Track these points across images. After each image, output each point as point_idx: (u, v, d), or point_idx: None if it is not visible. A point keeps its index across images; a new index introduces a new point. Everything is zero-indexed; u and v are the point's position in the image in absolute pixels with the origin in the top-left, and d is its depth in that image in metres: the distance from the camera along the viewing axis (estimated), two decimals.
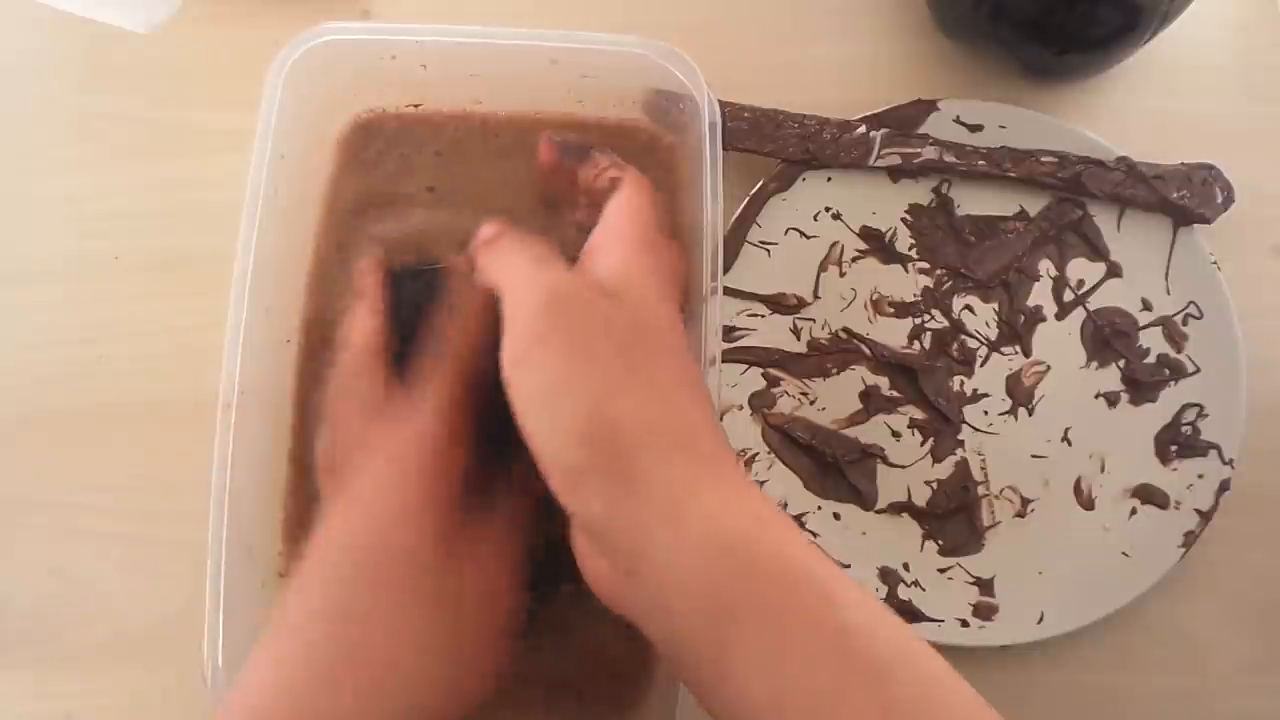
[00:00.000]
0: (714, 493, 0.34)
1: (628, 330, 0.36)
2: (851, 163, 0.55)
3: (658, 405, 0.35)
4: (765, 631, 0.31)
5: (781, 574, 0.32)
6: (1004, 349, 0.54)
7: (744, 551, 0.32)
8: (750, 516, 0.34)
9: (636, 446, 0.34)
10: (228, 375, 0.43)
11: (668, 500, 0.33)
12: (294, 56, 0.46)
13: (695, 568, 0.32)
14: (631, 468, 0.33)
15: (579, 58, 0.48)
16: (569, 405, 0.34)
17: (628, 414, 0.34)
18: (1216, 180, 0.55)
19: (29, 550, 0.51)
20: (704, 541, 0.33)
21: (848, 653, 0.31)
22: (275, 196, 0.45)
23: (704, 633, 0.32)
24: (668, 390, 0.36)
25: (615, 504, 0.33)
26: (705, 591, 0.32)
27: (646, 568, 0.33)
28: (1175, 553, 0.51)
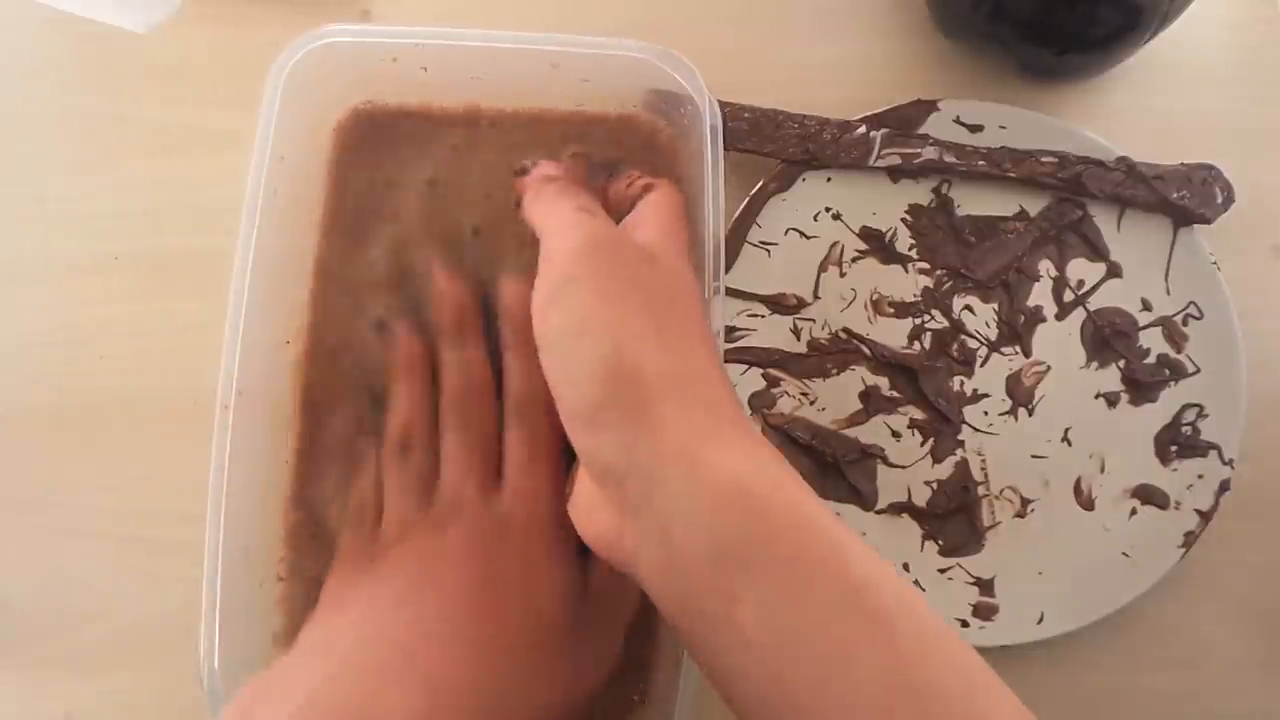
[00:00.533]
0: (730, 443, 0.34)
1: (658, 286, 0.37)
2: (851, 163, 0.56)
3: (680, 358, 0.36)
4: (777, 578, 0.32)
5: (794, 523, 0.33)
6: (1004, 349, 0.55)
7: (757, 499, 0.33)
8: (763, 469, 0.34)
9: (656, 390, 0.35)
10: (225, 376, 0.43)
11: (684, 444, 0.34)
12: (295, 57, 0.46)
13: (707, 511, 0.33)
14: (649, 410, 0.34)
15: (580, 62, 0.48)
16: (592, 344, 0.35)
17: (650, 360, 0.35)
18: (1216, 180, 0.55)
19: (29, 550, 0.51)
20: (717, 487, 0.33)
21: (858, 603, 0.31)
22: (275, 197, 0.45)
23: (711, 578, 0.32)
24: (692, 347, 0.37)
25: (630, 443, 0.34)
26: (716, 537, 0.32)
27: (656, 509, 0.34)
28: (1175, 553, 0.52)
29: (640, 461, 0.34)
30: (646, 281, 0.37)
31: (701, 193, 0.45)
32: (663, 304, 0.37)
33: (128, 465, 0.53)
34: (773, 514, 0.33)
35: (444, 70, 0.49)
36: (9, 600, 0.51)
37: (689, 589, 0.33)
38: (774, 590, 0.31)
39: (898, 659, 0.30)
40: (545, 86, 0.50)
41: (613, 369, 0.35)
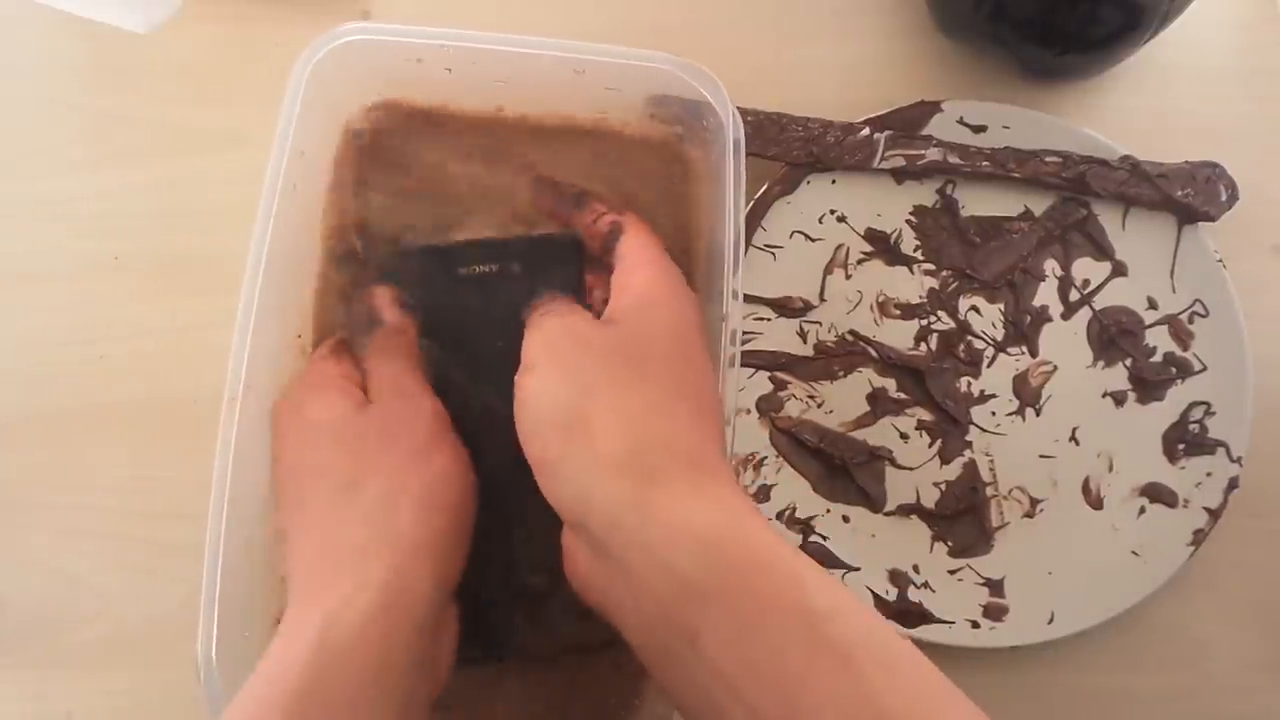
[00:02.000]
0: (685, 484, 0.38)
1: (616, 351, 0.42)
2: (856, 165, 0.58)
3: (638, 408, 0.40)
4: (737, 613, 0.34)
5: (752, 559, 0.35)
6: (1010, 349, 0.57)
7: (714, 538, 0.36)
8: (721, 509, 0.37)
9: (610, 438, 0.39)
10: (234, 369, 0.44)
11: (635, 488, 0.37)
12: (318, 55, 0.47)
13: (664, 554, 0.36)
14: (603, 457, 0.38)
15: (605, 70, 0.50)
16: (547, 406, 0.40)
17: (604, 410, 0.39)
18: (1220, 178, 0.57)
19: (29, 550, 0.53)
20: (672, 529, 0.36)
21: (816, 634, 0.33)
22: (293, 193, 0.47)
23: (676, 617, 0.35)
24: (653, 397, 0.40)
25: (586, 488, 0.38)
26: (675, 577, 0.35)
27: (615, 553, 0.37)
28: (1185, 551, 0.54)
29: (599, 506, 0.38)
30: (602, 350, 0.42)
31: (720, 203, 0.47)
32: (621, 364, 0.41)
33: (128, 465, 0.54)
34: (726, 548, 0.35)
35: (467, 73, 0.50)
36: (9, 600, 0.52)
37: (653, 626, 0.36)
38: (733, 622, 0.34)
39: (859, 687, 0.32)
40: (568, 93, 0.51)
41: (567, 421, 0.39)
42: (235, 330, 0.44)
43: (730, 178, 0.47)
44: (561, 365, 0.41)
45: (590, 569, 0.39)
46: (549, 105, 0.52)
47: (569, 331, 0.43)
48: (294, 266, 0.48)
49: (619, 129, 0.53)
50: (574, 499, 0.38)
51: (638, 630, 0.37)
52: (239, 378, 0.44)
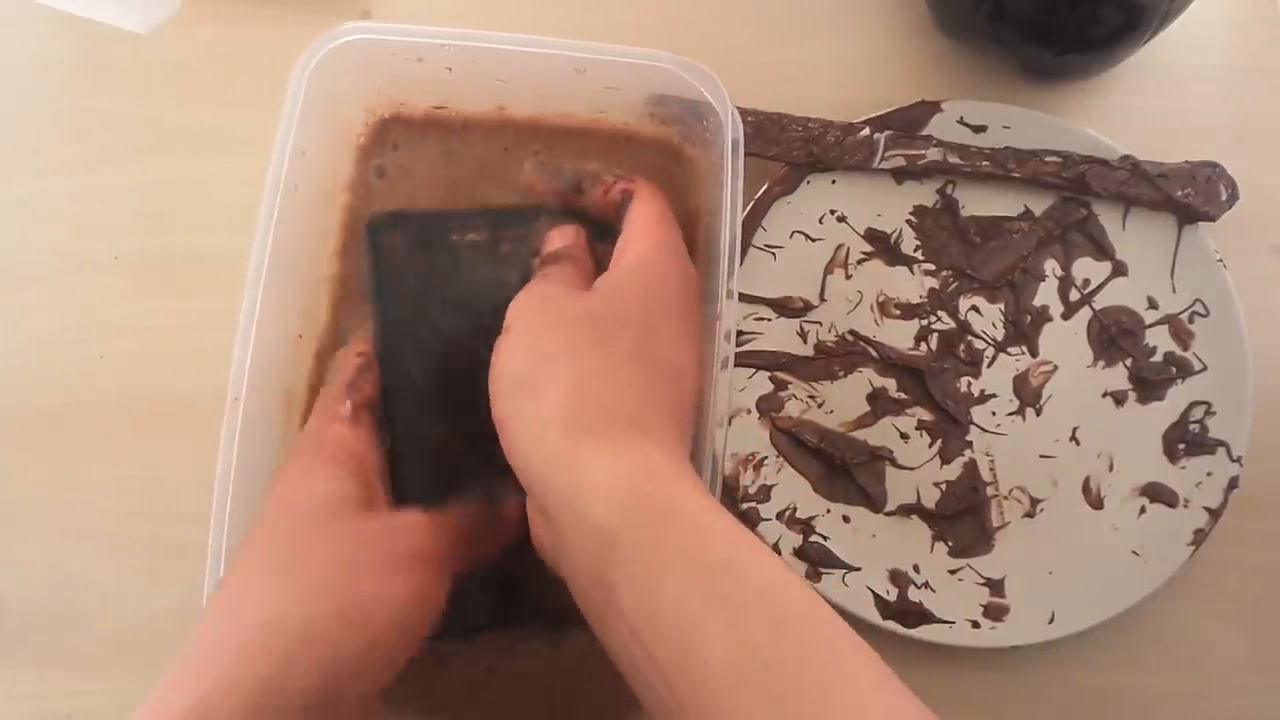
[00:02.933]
0: (614, 444, 0.39)
1: (584, 318, 0.44)
2: (856, 165, 0.58)
3: (587, 372, 0.42)
4: (644, 565, 0.36)
5: (661, 511, 0.37)
6: (1011, 349, 0.58)
7: (629, 492, 0.37)
8: (642, 465, 0.39)
9: (554, 402, 0.40)
10: (237, 369, 0.45)
11: (568, 448, 0.39)
12: (318, 56, 0.48)
13: (585, 509, 0.37)
14: (545, 418, 0.40)
15: (606, 69, 0.50)
16: (510, 370, 0.43)
17: (555, 378, 0.41)
18: (1221, 178, 0.58)
19: (29, 550, 0.53)
20: (593, 485, 0.38)
21: (712, 586, 0.35)
22: (294, 193, 0.47)
23: (595, 566, 0.37)
24: (606, 362, 0.42)
25: (529, 447, 0.40)
26: (595, 532, 0.37)
27: (549, 510, 0.40)
28: (1185, 551, 0.54)
29: (538, 465, 0.40)
30: (572, 313, 0.44)
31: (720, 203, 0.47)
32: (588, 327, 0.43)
33: (128, 465, 0.55)
34: (640, 502, 0.37)
35: (468, 72, 0.51)
36: (9, 600, 0.53)
37: (583, 584, 0.38)
38: (640, 574, 0.36)
39: (746, 637, 0.33)
40: (570, 92, 0.52)
41: (519, 384, 0.42)
42: (238, 330, 0.45)
43: (729, 177, 0.47)
44: (529, 330, 0.44)
45: (541, 531, 0.42)
46: (549, 104, 0.53)
47: (542, 298, 0.45)
48: (295, 266, 0.49)
49: (619, 128, 0.53)
50: (520, 459, 0.40)
51: (575, 590, 0.39)
52: (242, 378, 0.45)
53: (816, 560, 0.54)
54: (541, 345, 0.43)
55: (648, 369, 0.43)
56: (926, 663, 0.53)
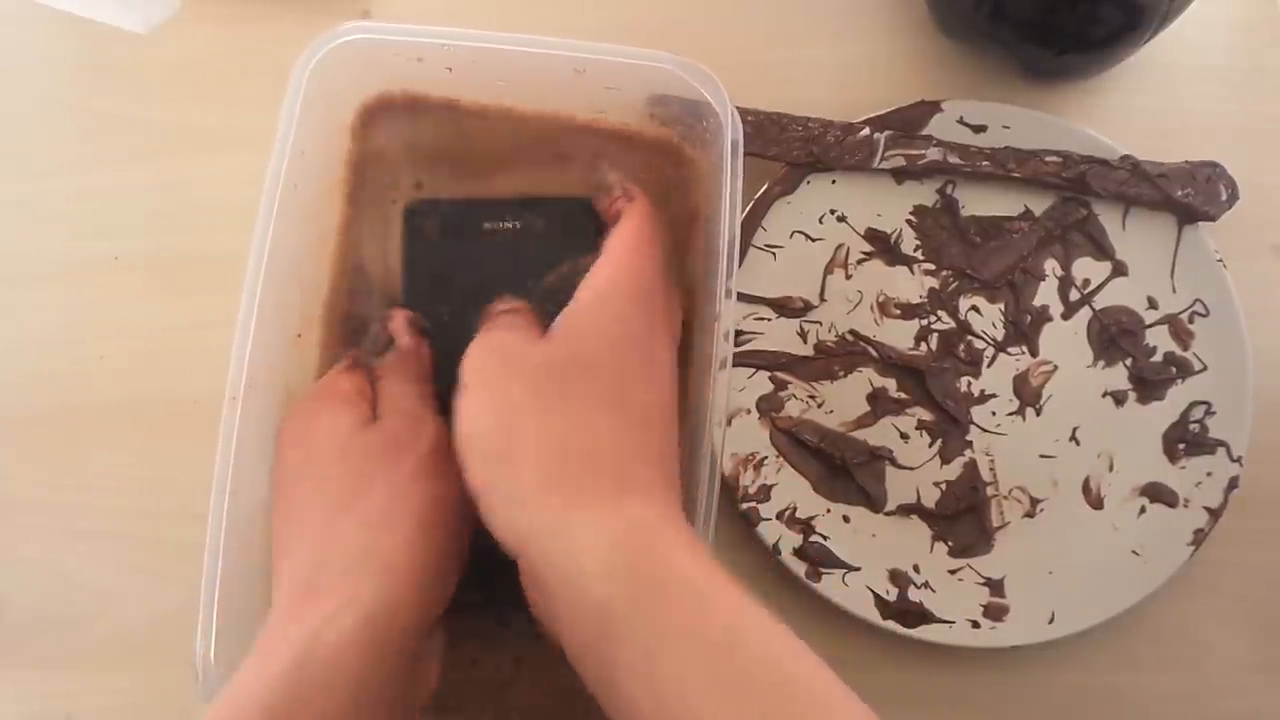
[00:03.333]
0: (605, 506, 0.38)
1: (544, 367, 0.42)
2: (856, 165, 0.59)
3: (560, 427, 0.40)
4: (641, 639, 0.34)
5: (658, 583, 0.36)
6: (1011, 349, 0.58)
7: (624, 563, 0.36)
8: (637, 529, 0.37)
9: (530, 464, 0.39)
10: (236, 367, 0.45)
11: (555, 516, 0.38)
12: (318, 55, 0.48)
13: (580, 583, 0.36)
14: (526, 485, 0.39)
15: (606, 69, 0.51)
16: (474, 427, 0.41)
17: (526, 435, 0.40)
18: (1221, 178, 0.58)
19: (29, 550, 0.54)
20: (587, 556, 0.36)
21: (715, 662, 0.34)
22: (294, 192, 0.48)
23: (594, 641, 0.36)
24: (579, 414, 0.41)
25: (515, 521, 0.38)
26: (593, 607, 0.35)
27: (540, 581, 0.38)
28: (1185, 551, 0.54)
29: (524, 535, 0.38)
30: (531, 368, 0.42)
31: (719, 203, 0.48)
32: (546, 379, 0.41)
33: (128, 465, 0.55)
34: (636, 573, 0.36)
35: (468, 72, 0.51)
36: (9, 600, 0.53)
37: (577, 654, 0.37)
38: (639, 649, 0.34)
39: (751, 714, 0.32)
40: (569, 92, 0.52)
41: (488, 452, 0.40)
42: (237, 329, 0.45)
43: (729, 177, 0.48)
44: (488, 388, 0.42)
45: (535, 599, 0.40)
46: (549, 104, 0.53)
47: (497, 350, 0.43)
48: (295, 266, 0.49)
49: (619, 128, 0.54)
50: (504, 530, 0.39)
51: (572, 658, 0.37)
52: (240, 376, 0.45)
53: (816, 560, 0.54)
54: (506, 402, 0.41)
55: (623, 414, 0.41)
56: (926, 663, 0.53)
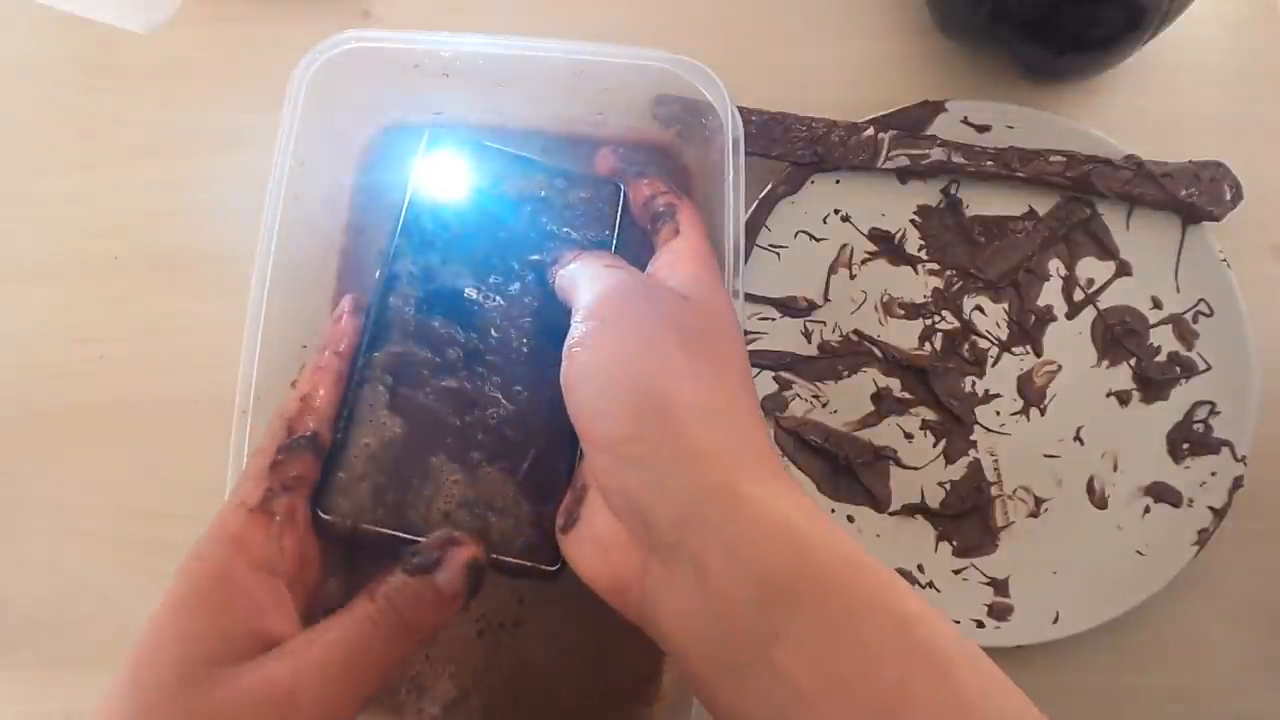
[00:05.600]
0: (767, 480, 0.36)
1: (693, 324, 0.39)
2: (860, 165, 0.59)
3: (717, 393, 0.38)
4: (827, 616, 0.32)
5: (843, 559, 0.33)
6: (1015, 349, 0.59)
7: (802, 536, 0.34)
8: (804, 509, 0.35)
9: (690, 423, 0.36)
10: (244, 380, 0.45)
11: (721, 477, 0.35)
12: (316, 63, 0.49)
13: (751, 546, 0.34)
14: (683, 442, 0.36)
15: (605, 70, 0.52)
16: (621, 378, 0.37)
17: (684, 392, 0.37)
18: (1225, 178, 0.59)
19: (29, 550, 0.54)
20: (762, 521, 0.34)
21: (913, 640, 0.32)
22: (296, 202, 0.48)
23: (751, 619, 0.33)
24: (729, 384, 0.38)
25: (662, 476, 0.35)
26: (762, 572, 0.33)
27: (691, 546, 0.34)
28: (1189, 550, 0.55)
29: (674, 495, 0.35)
30: (680, 319, 0.39)
31: (721, 202, 0.49)
32: (698, 339, 0.39)
33: (128, 465, 0.55)
34: (820, 549, 0.34)
35: (467, 76, 0.52)
36: (9, 600, 0.54)
37: (722, 631, 0.34)
38: (824, 627, 0.32)
39: (958, 695, 0.31)
40: (568, 93, 0.53)
41: (643, 400, 0.36)
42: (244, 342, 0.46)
43: (731, 176, 0.49)
44: (638, 328, 0.38)
45: (639, 566, 0.36)
46: (549, 106, 0.54)
47: (646, 292, 0.40)
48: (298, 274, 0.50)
49: (619, 129, 0.55)
50: (643, 488, 0.36)
51: (695, 641, 0.35)
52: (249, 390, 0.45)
53: None
54: (660, 351, 0.38)
55: (755, 399, 0.40)
56: None
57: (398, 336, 0.43)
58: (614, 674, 0.48)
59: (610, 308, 0.39)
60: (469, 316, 0.45)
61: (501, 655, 0.48)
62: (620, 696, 0.48)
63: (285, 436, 0.40)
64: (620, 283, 0.40)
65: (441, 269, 0.45)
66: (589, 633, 0.48)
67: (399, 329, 0.44)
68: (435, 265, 0.45)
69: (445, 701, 0.47)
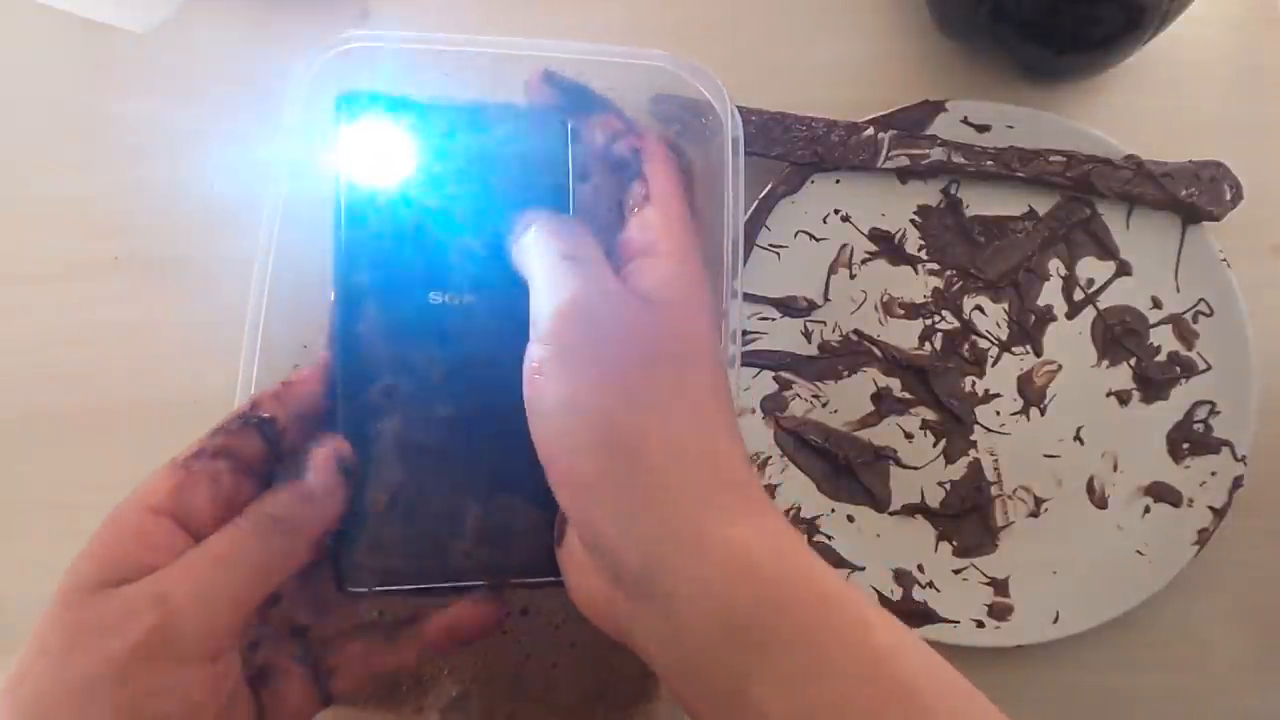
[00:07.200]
0: (737, 514, 0.35)
1: (660, 342, 0.37)
2: (860, 165, 0.60)
3: (685, 422, 0.36)
4: (795, 653, 0.32)
5: (810, 594, 0.34)
6: (1015, 349, 0.59)
7: (770, 573, 0.34)
8: (774, 539, 0.35)
9: (656, 462, 0.35)
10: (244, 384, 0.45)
11: (688, 519, 0.35)
12: (318, 63, 0.49)
13: (716, 589, 0.33)
14: (652, 481, 0.35)
15: (604, 70, 0.51)
16: (582, 413, 0.36)
17: (651, 428, 0.35)
18: (1225, 178, 0.59)
19: (29, 550, 0.55)
20: (727, 564, 0.34)
21: (883, 674, 0.32)
22: (296, 202, 0.48)
23: (723, 657, 0.33)
24: (698, 407, 0.37)
25: (629, 519, 0.35)
26: (726, 614, 0.33)
27: (659, 587, 0.34)
28: (1189, 550, 0.56)
29: (642, 540, 0.35)
30: (646, 336, 0.37)
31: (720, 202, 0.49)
32: (665, 362, 0.37)
33: (129, 466, 0.55)
34: (786, 586, 0.34)
35: (465, 75, 0.52)
36: (9, 600, 0.54)
37: (697, 666, 0.34)
38: (793, 667, 0.32)
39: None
40: None
41: (607, 439, 0.35)
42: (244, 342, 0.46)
43: (730, 176, 0.49)
44: (598, 359, 0.36)
45: (609, 600, 0.36)
46: None
47: (607, 308, 0.37)
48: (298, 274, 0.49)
49: None
50: (611, 529, 0.35)
51: (673, 671, 0.35)
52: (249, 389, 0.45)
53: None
54: (624, 383, 0.36)
55: (728, 413, 0.38)
56: None
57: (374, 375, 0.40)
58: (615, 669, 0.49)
59: (568, 332, 0.37)
60: (440, 325, 0.41)
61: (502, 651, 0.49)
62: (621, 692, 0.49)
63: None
64: (578, 298, 0.37)
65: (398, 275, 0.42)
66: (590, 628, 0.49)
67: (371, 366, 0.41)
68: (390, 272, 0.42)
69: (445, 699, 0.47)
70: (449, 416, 0.41)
